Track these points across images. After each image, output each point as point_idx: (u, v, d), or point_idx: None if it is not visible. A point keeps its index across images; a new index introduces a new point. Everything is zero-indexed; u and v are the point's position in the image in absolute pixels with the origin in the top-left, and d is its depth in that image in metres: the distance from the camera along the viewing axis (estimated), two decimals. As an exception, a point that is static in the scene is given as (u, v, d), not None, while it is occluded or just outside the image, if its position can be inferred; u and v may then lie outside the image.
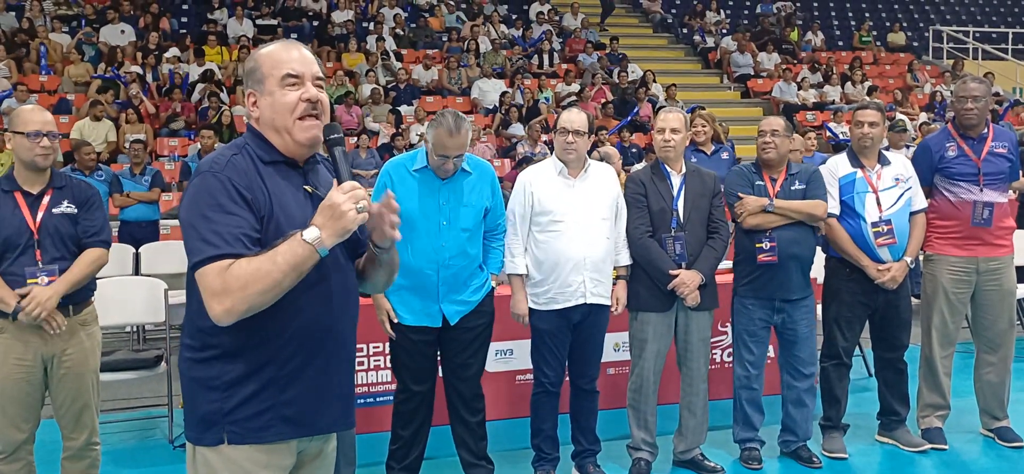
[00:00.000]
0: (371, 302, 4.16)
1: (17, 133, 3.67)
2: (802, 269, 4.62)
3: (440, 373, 4.36)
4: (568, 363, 4.48)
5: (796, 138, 5.56)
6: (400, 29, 17.19)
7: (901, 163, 4.86)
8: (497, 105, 14.64)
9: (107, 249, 3.89)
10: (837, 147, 13.44)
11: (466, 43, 16.76)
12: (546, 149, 12.16)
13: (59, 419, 3.87)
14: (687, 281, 4.37)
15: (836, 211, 4.71)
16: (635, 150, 12.91)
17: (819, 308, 5.07)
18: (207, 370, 2.19)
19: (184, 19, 16.75)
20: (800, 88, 16.96)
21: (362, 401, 5.21)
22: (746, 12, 21.31)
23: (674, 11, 20.86)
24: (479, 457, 4.40)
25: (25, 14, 15.31)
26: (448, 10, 18.48)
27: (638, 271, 4.47)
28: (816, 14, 21.57)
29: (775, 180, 4.63)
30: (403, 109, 14.13)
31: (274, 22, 16.35)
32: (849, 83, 17.23)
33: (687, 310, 4.47)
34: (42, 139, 3.66)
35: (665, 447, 4.72)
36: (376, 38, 16.21)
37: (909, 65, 18.56)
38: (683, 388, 4.66)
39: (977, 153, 4.89)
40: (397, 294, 4.17)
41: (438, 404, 4.37)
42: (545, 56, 16.97)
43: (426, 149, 4.15)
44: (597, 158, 5.24)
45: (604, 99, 15.14)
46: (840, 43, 20.54)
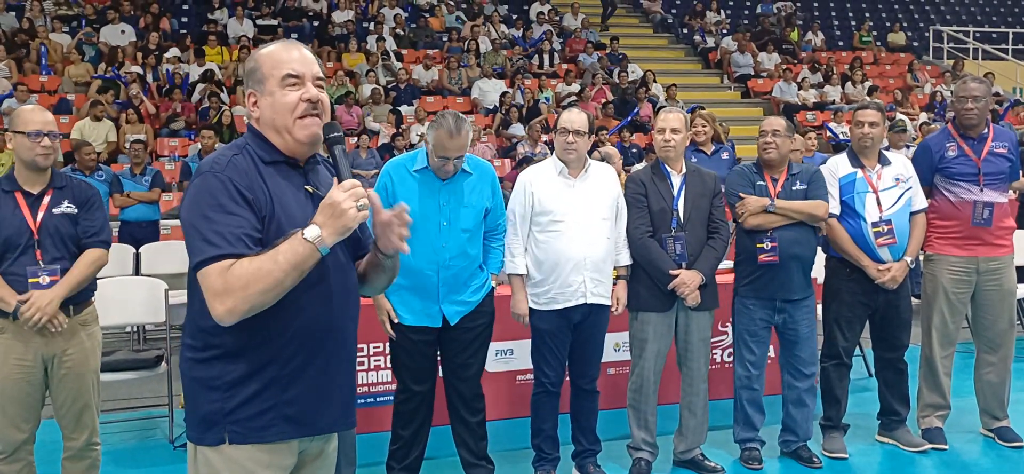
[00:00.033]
0: (371, 302, 4.16)
1: (18, 133, 3.67)
2: (803, 269, 4.62)
3: (440, 373, 4.36)
4: (568, 363, 4.48)
5: (796, 138, 5.55)
6: (400, 29, 17.19)
7: (901, 163, 4.86)
8: (497, 105, 14.64)
9: (107, 249, 3.89)
10: (837, 147, 13.44)
11: (466, 43, 16.76)
12: (546, 149, 12.16)
13: (59, 419, 3.87)
14: (687, 281, 4.37)
15: (836, 211, 4.71)
16: (635, 150, 12.91)
17: (819, 308, 5.07)
18: (209, 370, 2.19)
19: (184, 19, 16.76)
20: (800, 88, 16.95)
21: (362, 401, 5.21)
22: (746, 12, 21.31)
23: (674, 11, 20.86)
24: (479, 457, 4.40)
25: (25, 14, 15.32)
26: (448, 10, 18.48)
27: (638, 271, 4.48)
28: (816, 14, 21.57)
29: (776, 180, 4.63)
30: (403, 109, 14.13)
31: (274, 22, 16.36)
32: (849, 83, 17.23)
33: (687, 310, 4.47)
34: (43, 139, 3.67)
35: (665, 447, 4.72)
36: (376, 38, 16.22)
37: (909, 65, 18.56)
38: (683, 388, 4.66)
39: (977, 153, 4.89)
40: (397, 294, 4.17)
41: (438, 404, 4.37)
42: (545, 56, 16.97)
43: (426, 150, 4.15)
44: (598, 158, 5.24)
45: (604, 99, 15.14)
46: (840, 43, 20.54)
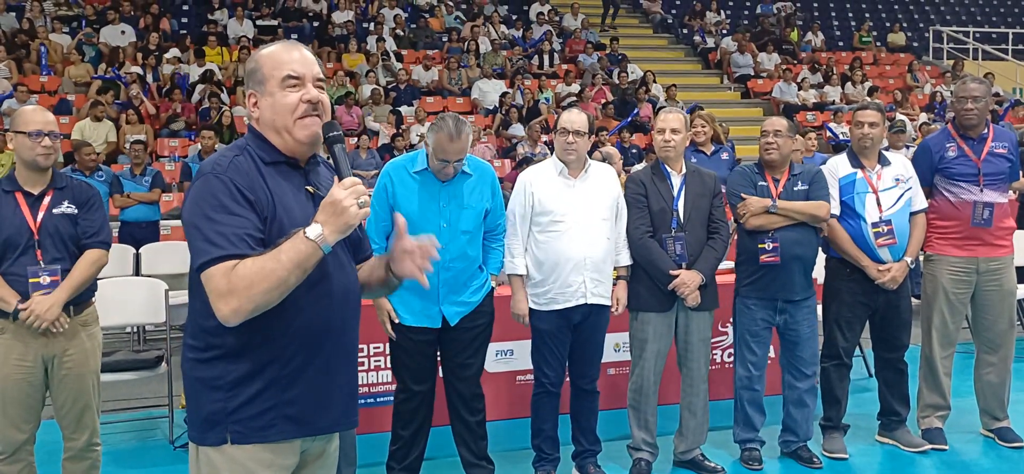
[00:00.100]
0: (372, 303, 4.16)
1: (19, 133, 3.68)
2: (804, 270, 4.62)
3: (440, 373, 4.36)
4: (568, 363, 4.48)
5: (797, 139, 5.55)
6: (400, 30, 17.20)
7: (901, 163, 4.86)
8: (497, 106, 14.64)
9: (107, 250, 3.89)
10: (837, 147, 13.44)
11: (466, 44, 16.77)
12: (546, 149, 12.16)
13: (60, 420, 3.87)
14: (687, 281, 4.37)
15: (836, 211, 4.71)
16: (635, 151, 12.91)
17: (819, 308, 5.07)
18: (210, 370, 2.19)
19: (184, 20, 16.77)
20: (800, 88, 16.96)
21: (362, 401, 5.21)
22: (746, 12, 21.32)
23: (674, 11, 20.88)
24: (479, 457, 4.40)
25: (25, 15, 15.33)
26: (448, 11, 18.49)
27: (638, 271, 4.48)
28: (816, 14, 21.58)
29: (778, 181, 4.63)
30: (403, 109, 14.14)
31: (274, 23, 16.37)
32: (849, 83, 17.23)
33: (687, 310, 4.47)
34: (44, 139, 3.67)
35: (665, 447, 4.72)
36: (376, 39, 16.23)
37: (909, 65, 18.57)
38: (683, 388, 4.66)
39: (977, 153, 4.89)
40: (397, 295, 4.15)
41: (438, 404, 4.37)
42: (545, 56, 16.98)
43: (426, 152, 4.15)
44: (599, 158, 5.24)
45: (604, 99, 15.15)
46: (840, 43, 20.55)
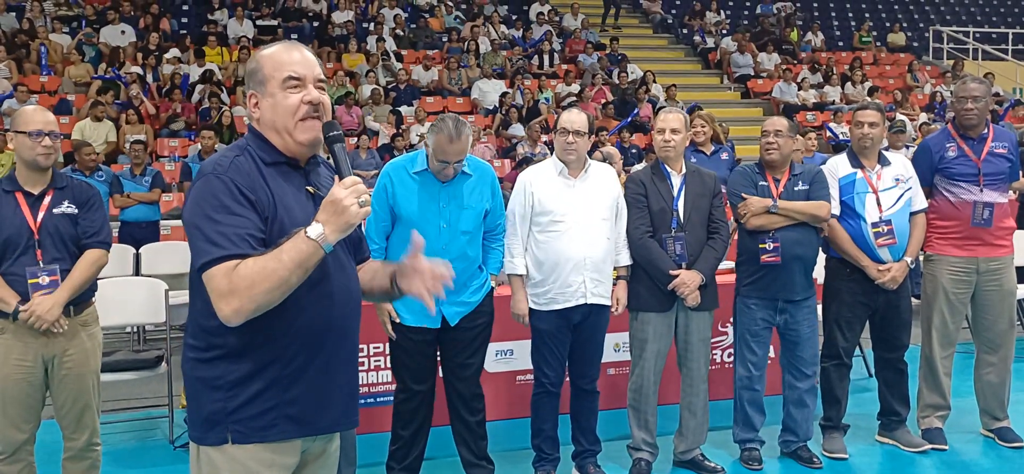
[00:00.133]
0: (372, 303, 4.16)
1: (19, 132, 3.68)
2: (805, 270, 4.62)
3: (440, 373, 4.36)
4: (568, 363, 4.48)
5: (798, 139, 5.55)
6: (400, 30, 17.20)
7: (901, 163, 4.86)
8: (497, 106, 14.64)
9: (107, 250, 3.89)
10: (837, 147, 13.44)
11: (466, 44, 16.77)
12: (546, 150, 12.17)
13: (60, 420, 3.87)
14: (687, 281, 4.37)
15: (836, 211, 4.71)
16: (635, 151, 12.91)
17: (819, 308, 5.07)
18: (211, 370, 2.19)
19: (184, 20, 16.77)
20: (800, 88, 16.96)
21: (362, 401, 5.20)
22: (746, 12, 21.32)
23: (674, 11, 20.88)
24: (479, 457, 4.40)
25: (25, 15, 15.33)
26: (448, 11, 18.49)
27: (638, 271, 4.48)
28: (816, 14, 21.58)
29: (778, 181, 4.63)
30: (403, 109, 14.14)
31: (274, 23, 16.37)
32: (849, 83, 17.23)
33: (687, 310, 4.47)
34: (44, 138, 3.67)
35: (665, 447, 4.72)
36: (376, 39, 16.23)
37: (909, 65, 18.57)
38: (683, 388, 4.66)
39: (977, 153, 4.89)
40: (398, 294, 4.17)
41: (438, 404, 4.37)
42: (545, 56, 16.98)
43: (426, 152, 4.15)
44: (599, 158, 5.24)
45: (604, 99, 15.15)
46: (840, 43, 20.54)
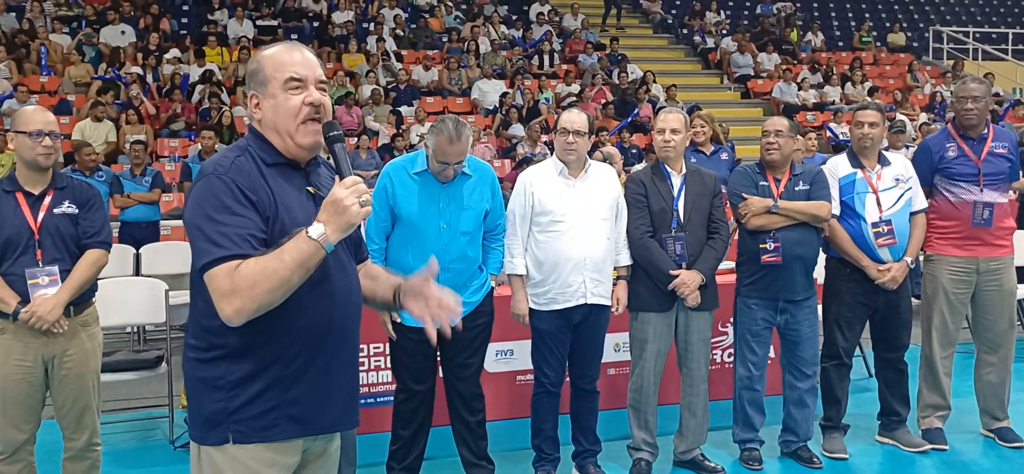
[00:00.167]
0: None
1: (20, 132, 3.68)
2: (806, 270, 4.62)
3: (440, 373, 4.36)
4: (568, 363, 4.48)
5: (798, 139, 5.55)
6: (400, 30, 17.20)
7: (901, 163, 4.86)
8: (497, 106, 14.64)
9: (107, 250, 3.89)
10: (837, 148, 13.44)
11: (466, 44, 16.77)
12: (546, 150, 12.17)
13: (60, 420, 3.87)
14: (687, 281, 4.37)
15: (836, 211, 4.71)
16: (635, 151, 12.91)
17: (819, 308, 5.07)
18: (212, 370, 2.19)
19: (184, 20, 16.77)
20: (800, 88, 16.96)
21: (362, 401, 5.19)
22: (746, 13, 21.32)
23: (674, 12, 20.88)
24: (479, 457, 4.40)
25: (25, 15, 15.33)
26: (448, 11, 18.49)
27: (638, 271, 4.48)
28: (816, 14, 21.58)
29: (779, 181, 4.63)
30: (403, 110, 14.14)
31: (274, 23, 16.37)
32: (849, 84, 17.23)
33: (687, 310, 4.47)
34: (44, 138, 3.67)
35: (665, 447, 4.72)
36: (376, 39, 16.23)
37: (909, 66, 18.56)
38: (683, 388, 4.66)
39: (977, 153, 4.89)
40: (398, 295, 4.17)
41: (438, 404, 4.37)
42: (545, 57, 16.98)
43: (426, 153, 4.16)
44: (600, 158, 5.24)
45: (604, 100, 15.15)
46: (840, 43, 20.54)
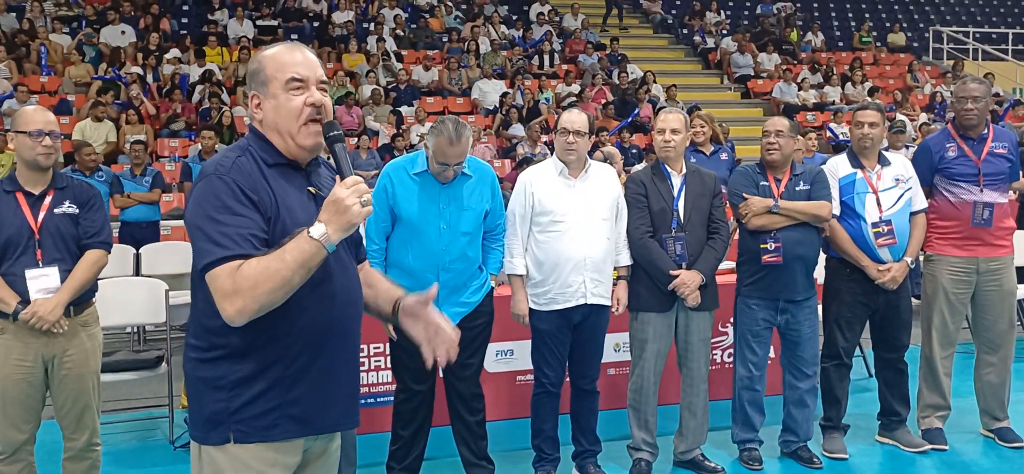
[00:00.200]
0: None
1: (20, 132, 3.68)
2: (806, 270, 4.62)
3: (440, 373, 4.36)
4: (568, 363, 4.48)
5: (799, 139, 5.56)
6: (400, 30, 17.19)
7: (901, 163, 4.86)
8: (497, 106, 14.64)
9: (108, 251, 3.89)
10: (837, 148, 13.44)
11: (466, 44, 16.76)
12: (546, 150, 12.17)
13: (60, 420, 3.87)
14: (687, 281, 4.37)
15: (836, 212, 4.71)
16: (635, 151, 12.91)
17: (819, 308, 5.07)
18: (214, 370, 2.19)
19: (184, 20, 16.77)
20: (800, 89, 16.96)
21: (362, 401, 5.19)
22: (746, 13, 21.32)
23: (674, 12, 20.87)
24: (480, 457, 4.40)
25: (26, 15, 15.33)
26: (447, 11, 18.48)
27: (638, 271, 4.48)
28: (816, 15, 21.58)
29: (779, 181, 4.62)
30: (404, 110, 14.14)
31: (274, 23, 16.37)
32: (849, 84, 17.23)
33: (687, 310, 4.47)
34: (44, 138, 3.67)
35: (665, 447, 4.72)
36: (376, 39, 16.23)
37: (909, 66, 18.56)
38: (683, 388, 4.66)
39: (977, 153, 4.89)
40: (398, 295, 4.17)
41: (438, 404, 4.37)
42: (545, 57, 16.97)
43: (426, 154, 4.16)
44: (600, 158, 5.24)
45: (604, 100, 15.15)
46: (840, 44, 20.54)
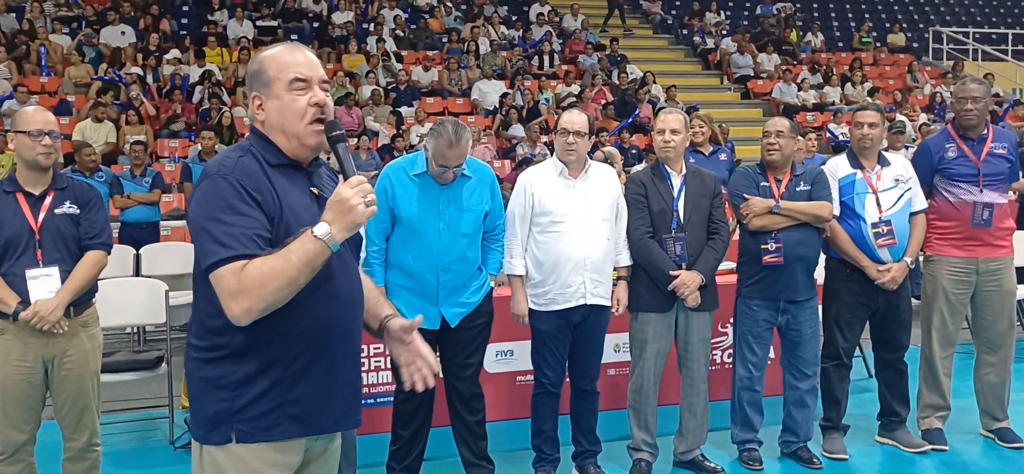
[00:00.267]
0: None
1: (20, 132, 3.68)
2: (807, 270, 4.62)
3: (440, 373, 4.36)
4: (568, 364, 4.48)
5: (799, 139, 5.56)
6: (400, 30, 17.19)
7: (901, 164, 4.86)
8: (497, 106, 14.64)
9: (108, 251, 3.89)
10: (837, 148, 13.44)
11: (466, 44, 16.76)
12: (546, 150, 12.17)
13: (60, 420, 3.87)
14: (687, 282, 4.37)
15: (836, 212, 4.71)
16: (635, 151, 12.91)
17: (819, 308, 5.07)
18: (215, 369, 2.19)
19: (184, 21, 16.76)
20: (800, 89, 16.96)
21: (362, 402, 5.20)
22: (746, 13, 21.32)
23: (674, 12, 20.87)
24: (480, 457, 4.40)
25: (26, 16, 15.32)
26: (447, 11, 18.48)
27: (638, 272, 4.48)
28: (816, 15, 21.58)
29: (780, 181, 4.63)
30: (404, 110, 14.14)
31: (274, 23, 16.36)
32: (849, 84, 17.22)
33: (687, 311, 4.47)
34: (44, 137, 3.67)
35: (665, 448, 4.73)
36: (376, 39, 16.23)
37: (909, 66, 18.56)
38: (683, 389, 4.66)
39: (977, 154, 4.89)
40: (398, 296, 4.18)
41: (438, 404, 4.37)
42: (545, 57, 16.97)
43: (426, 156, 4.16)
44: (600, 158, 5.24)
45: (604, 100, 15.15)
46: (840, 44, 20.54)
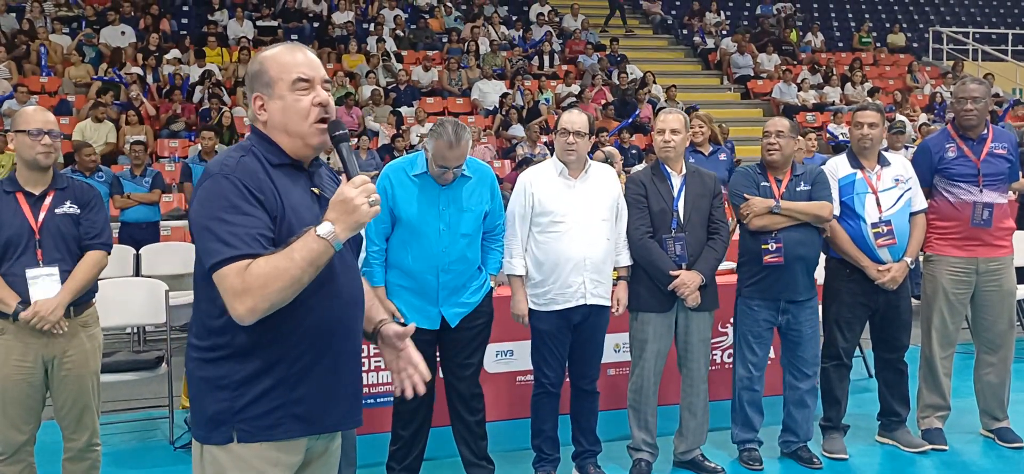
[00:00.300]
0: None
1: (20, 132, 3.68)
2: (807, 270, 4.62)
3: (440, 373, 4.37)
4: (568, 364, 4.48)
5: (799, 139, 5.56)
6: (400, 30, 17.19)
7: (901, 164, 4.86)
8: (497, 106, 14.64)
9: (108, 252, 3.89)
10: (837, 148, 13.44)
11: (466, 44, 16.76)
12: (546, 150, 12.17)
13: (60, 420, 3.88)
14: (687, 282, 4.37)
15: (836, 212, 4.71)
16: (635, 151, 12.92)
17: (819, 309, 5.07)
18: (217, 369, 2.20)
19: (184, 21, 16.76)
20: (800, 89, 16.96)
21: (363, 402, 5.20)
22: (746, 13, 21.33)
23: (674, 12, 20.88)
24: (480, 457, 4.40)
25: (26, 15, 15.32)
26: (447, 11, 18.48)
27: (638, 272, 4.48)
28: (816, 15, 21.58)
29: (780, 181, 4.63)
30: (404, 110, 14.14)
31: (274, 23, 16.36)
32: (849, 84, 17.23)
33: (687, 311, 4.47)
34: (44, 137, 3.67)
35: (665, 448, 4.73)
36: (376, 39, 16.23)
37: (909, 66, 18.56)
38: (683, 389, 4.66)
39: (977, 154, 4.89)
40: (398, 296, 4.18)
41: (438, 404, 4.37)
42: (545, 57, 16.97)
43: (426, 156, 4.16)
44: (600, 158, 5.24)
45: (604, 100, 15.15)
46: (840, 44, 20.54)
